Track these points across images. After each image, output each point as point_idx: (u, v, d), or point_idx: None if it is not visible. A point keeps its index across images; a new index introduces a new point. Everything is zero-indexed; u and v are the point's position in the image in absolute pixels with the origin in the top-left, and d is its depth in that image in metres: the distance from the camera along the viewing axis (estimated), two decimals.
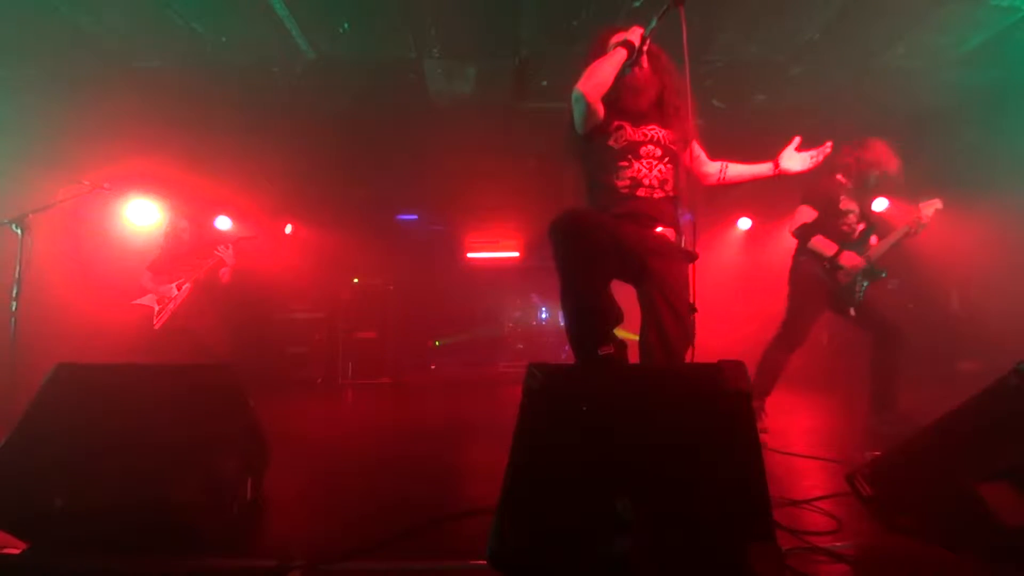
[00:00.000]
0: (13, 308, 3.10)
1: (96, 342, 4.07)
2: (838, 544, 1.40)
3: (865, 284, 2.98)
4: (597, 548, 1.08)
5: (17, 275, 3.11)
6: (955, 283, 5.34)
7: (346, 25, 3.59)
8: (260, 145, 5.02)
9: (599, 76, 1.87)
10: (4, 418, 1.86)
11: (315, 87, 4.24)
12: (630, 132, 1.96)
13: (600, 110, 1.92)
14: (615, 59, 1.89)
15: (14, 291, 3.11)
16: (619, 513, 1.10)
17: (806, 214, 2.99)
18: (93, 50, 3.68)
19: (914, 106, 4.43)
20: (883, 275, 2.99)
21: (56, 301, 4.16)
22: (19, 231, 3.09)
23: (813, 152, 2.18)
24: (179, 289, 3.98)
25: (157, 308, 3.90)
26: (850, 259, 2.90)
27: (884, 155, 2.99)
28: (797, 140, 2.17)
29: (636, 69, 1.95)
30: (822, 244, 2.94)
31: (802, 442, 2.76)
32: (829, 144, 2.22)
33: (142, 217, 5.00)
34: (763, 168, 2.21)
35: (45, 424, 1.55)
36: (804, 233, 2.98)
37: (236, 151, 5.06)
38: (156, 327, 3.86)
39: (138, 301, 3.96)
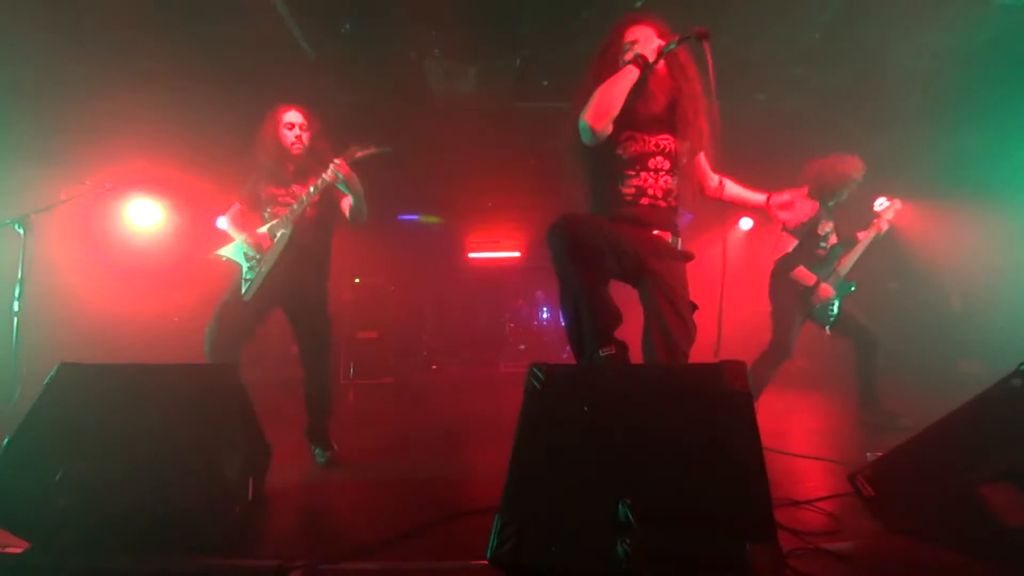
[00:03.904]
0: (16, 308, 3.11)
1: (98, 341, 4.07)
2: (839, 544, 1.40)
3: (838, 302, 3.19)
4: (597, 548, 1.08)
5: (19, 275, 3.12)
6: (955, 283, 5.33)
7: (347, 25, 3.59)
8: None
9: (606, 103, 1.75)
10: (6, 418, 1.87)
11: (316, 87, 4.23)
12: (640, 143, 1.89)
13: (609, 130, 1.83)
14: (625, 81, 1.76)
15: (16, 291, 3.12)
16: (619, 513, 1.10)
17: (787, 243, 3.16)
18: (93, 50, 3.68)
19: (914, 106, 4.42)
20: (852, 288, 3.20)
21: (58, 301, 4.17)
22: (21, 231, 3.10)
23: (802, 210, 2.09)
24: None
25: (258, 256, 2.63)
26: (825, 291, 3.11)
27: (852, 167, 3.10)
28: (790, 195, 2.08)
29: (649, 74, 1.84)
30: (803, 276, 3.14)
31: (803, 443, 2.76)
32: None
33: (143, 217, 5.02)
34: (758, 198, 2.14)
35: (47, 424, 1.55)
36: (784, 264, 3.16)
37: (237, 151, 5.06)
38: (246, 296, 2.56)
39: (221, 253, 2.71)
